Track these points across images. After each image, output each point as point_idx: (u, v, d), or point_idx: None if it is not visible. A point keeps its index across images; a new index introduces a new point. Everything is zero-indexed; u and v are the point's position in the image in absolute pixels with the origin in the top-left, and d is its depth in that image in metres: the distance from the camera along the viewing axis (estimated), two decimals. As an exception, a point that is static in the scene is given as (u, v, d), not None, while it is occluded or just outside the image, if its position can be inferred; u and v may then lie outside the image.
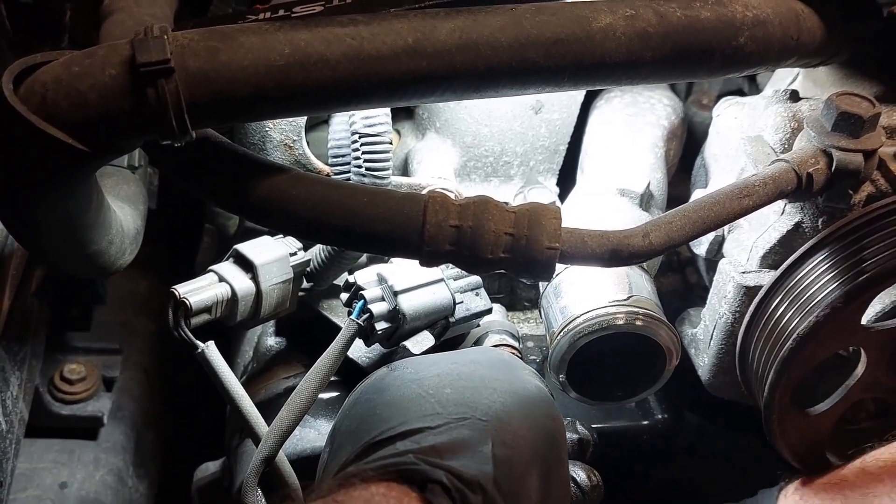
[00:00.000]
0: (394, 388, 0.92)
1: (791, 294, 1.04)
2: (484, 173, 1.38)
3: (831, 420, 1.10)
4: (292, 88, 0.78)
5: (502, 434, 0.84)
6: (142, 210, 1.20)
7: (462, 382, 0.91)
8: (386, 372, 0.97)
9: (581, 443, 1.12)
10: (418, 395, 0.90)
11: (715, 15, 0.89)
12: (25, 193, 0.82)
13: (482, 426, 0.85)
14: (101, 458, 1.49)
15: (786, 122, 1.09)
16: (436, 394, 0.89)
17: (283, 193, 0.85)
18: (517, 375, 0.95)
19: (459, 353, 1.01)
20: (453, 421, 0.85)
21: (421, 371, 0.94)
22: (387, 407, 0.90)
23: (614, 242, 0.89)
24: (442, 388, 0.90)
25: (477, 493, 0.78)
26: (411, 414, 0.87)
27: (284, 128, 1.23)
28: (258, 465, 1.02)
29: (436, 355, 1.02)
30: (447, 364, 0.95)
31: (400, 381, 0.93)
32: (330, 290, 1.29)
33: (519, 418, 0.88)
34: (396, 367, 0.97)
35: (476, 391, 0.90)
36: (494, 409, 0.87)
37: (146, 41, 0.75)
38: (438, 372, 0.93)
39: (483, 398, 0.89)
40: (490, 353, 1.01)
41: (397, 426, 0.86)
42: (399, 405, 0.89)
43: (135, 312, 1.70)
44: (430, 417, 0.86)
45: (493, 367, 0.96)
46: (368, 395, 0.95)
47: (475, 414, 0.86)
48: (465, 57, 0.81)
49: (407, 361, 0.99)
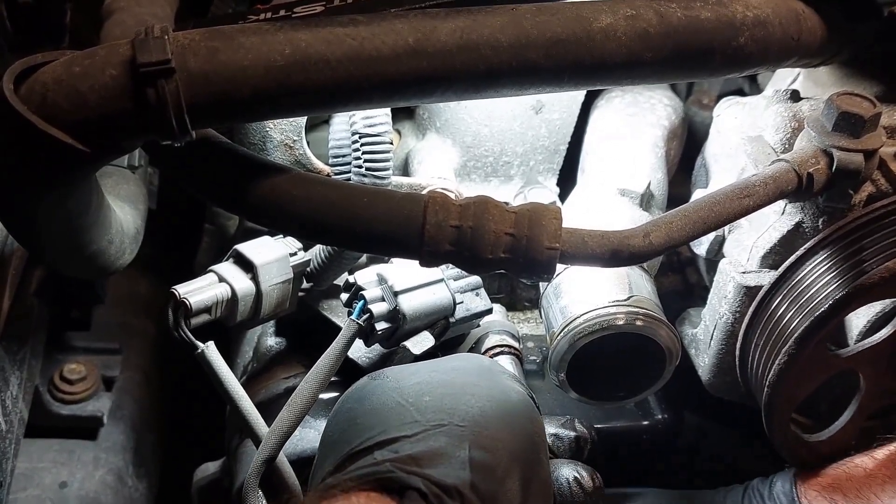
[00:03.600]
0: (374, 397, 0.93)
1: (792, 294, 1.04)
2: (484, 173, 1.38)
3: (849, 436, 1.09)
4: (293, 88, 0.78)
5: (480, 439, 0.85)
6: (142, 210, 1.20)
7: (441, 389, 0.92)
8: (367, 381, 0.97)
9: (578, 440, 1.12)
10: (398, 404, 0.90)
11: (715, 15, 0.89)
12: (26, 193, 0.82)
13: (459, 432, 0.85)
14: (100, 458, 1.49)
15: (786, 121, 1.09)
16: (415, 402, 0.90)
17: (284, 193, 0.85)
18: (497, 380, 0.96)
19: (441, 361, 1.02)
20: (431, 428, 0.86)
21: (401, 380, 0.95)
22: (366, 416, 0.90)
23: (615, 242, 0.89)
24: (421, 395, 0.91)
25: (454, 498, 0.78)
26: (390, 423, 0.88)
27: (285, 128, 1.23)
28: (259, 466, 1.02)
29: (417, 364, 1.03)
30: (427, 372, 0.96)
31: (380, 389, 0.94)
32: (330, 290, 1.29)
33: (497, 422, 0.89)
34: (377, 376, 0.98)
35: (455, 398, 0.90)
36: (472, 414, 0.88)
37: (147, 41, 0.75)
38: (418, 380, 0.94)
39: (461, 404, 0.89)
40: (471, 360, 1.02)
41: (376, 436, 0.86)
42: (378, 414, 0.90)
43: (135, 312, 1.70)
44: (409, 426, 0.86)
45: (472, 372, 0.96)
46: (350, 403, 0.95)
47: (453, 420, 0.86)
48: (465, 57, 0.81)
49: (388, 370, 0.99)
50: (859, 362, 1.04)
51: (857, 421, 1.09)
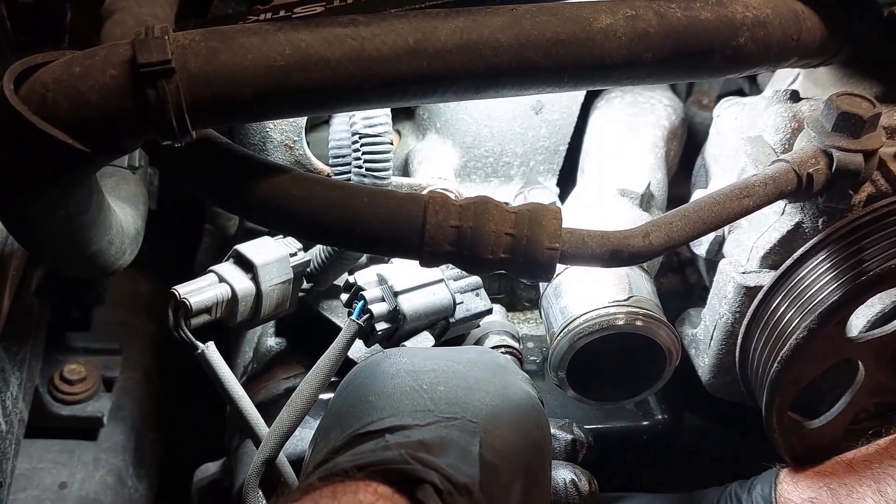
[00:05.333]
0: (388, 377, 0.91)
1: (791, 294, 1.04)
2: (484, 174, 1.38)
3: (839, 429, 1.10)
4: (293, 89, 0.78)
5: (491, 438, 0.84)
6: (142, 210, 1.20)
7: (456, 381, 0.91)
8: (382, 358, 0.96)
9: (574, 444, 1.13)
10: (412, 389, 0.89)
11: (715, 15, 0.89)
12: (26, 193, 0.82)
13: (471, 427, 0.84)
14: (100, 459, 1.49)
15: (786, 122, 1.09)
16: (429, 389, 0.89)
17: (284, 194, 0.85)
18: (511, 380, 0.95)
19: (457, 351, 1.01)
20: (443, 419, 0.85)
21: (417, 364, 0.93)
22: (378, 395, 0.89)
23: (614, 243, 0.89)
24: (436, 384, 0.90)
25: (464, 495, 0.77)
26: (403, 407, 0.86)
27: (285, 128, 1.23)
28: (259, 467, 1.02)
29: (433, 350, 1.02)
30: (443, 360, 0.94)
31: (395, 369, 0.92)
32: (330, 290, 1.29)
33: (508, 424, 0.88)
34: (393, 354, 0.96)
35: (469, 392, 0.89)
36: (484, 412, 0.87)
37: (147, 41, 0.75)
38: (434, 367, 0.92)
39: (475, 400, 0.88)
40: (487, 356, 1.00)
41: (387, 418, 0.85)
42: (391, 395, 0.88)
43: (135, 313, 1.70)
44: (422, 414, 0.85)
45: (488, 369, 0.95)
46: (362, 378, 0.93)
47: (465, 415, 0.85)
48: (465, 57, 0.81)
49: (404, 351, 0.98)
50: (865, 351, 1.04)
51: (848, 413, 1.08)
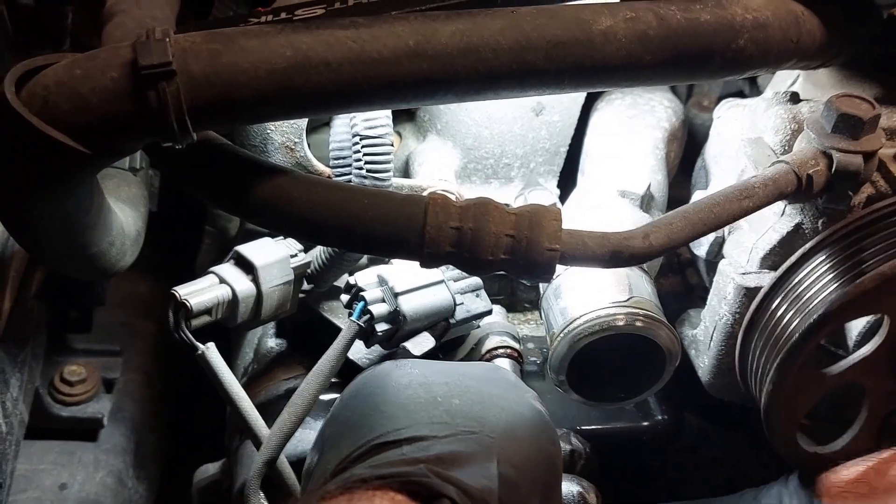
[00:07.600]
0: (401, 388, 0.91)
1: (791, 295, 1.04)
2: (484, 175, 1.38)
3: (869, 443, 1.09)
4: (293, 91, 0.79)
5: (508, 454, 0.83)
6: (143, 212, 1.20)
7: (470, 395, 0.90)
8: (392, 367, 0.95)
9: (573, 454, 1.13)
10: (427, 401, 0.88)
11: (715, 18, 0.89)
12: (27, 195, 0.82)
13: (489, 443, 0.83)
14: (100, 460, 1.49)
15: (786, 123, 1.09)
16: (444, 402, 0.88)
17: (284, 195, 0.85)
18: (523, 398, 0.94)
19: (468, 366, 1.00)
20: (461, 433, 0.84)
21: (429, 376, 0.93)
22: (393, 406, 0.88)
23: (614, 244, 0.89)
24: (450, 397, 0.89)
25: None
26: (419, 418, 0.86)
27: (286, 130, 1.23)
28: (260, 468, 1.02)
29: (442, 363, 1.01)
30: (456, 374, 0.94)
31: (407, 380, 0.92)
32: (330, 291, 1.29)
33: (525, 441, 0.87)
34: (402, 365, 0.95)
35: (484, 406, 0.89)
36: (501, 428, 0.86)
37: (148, 44, 0.75)
38: (447, 381, 0.92)
39: (491, 415, 0.88)
40: (497, 372, 1.00)
41: (404, 429, 0.84)
42: (406, 407, 0.88)
43: (135, 314, 1.70)
44: (439, 426, 0.84)
45: (500, 385, 0.95)
46: (371, 388, 0.92)
47: (483, 429, 0.85)
48: (465, 59, 0.81)
49: (413, 362, 0.97)
50: (855, 374, 1.04)
51: (871, 425, 1.08)
